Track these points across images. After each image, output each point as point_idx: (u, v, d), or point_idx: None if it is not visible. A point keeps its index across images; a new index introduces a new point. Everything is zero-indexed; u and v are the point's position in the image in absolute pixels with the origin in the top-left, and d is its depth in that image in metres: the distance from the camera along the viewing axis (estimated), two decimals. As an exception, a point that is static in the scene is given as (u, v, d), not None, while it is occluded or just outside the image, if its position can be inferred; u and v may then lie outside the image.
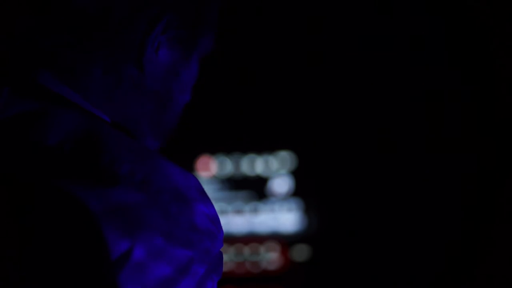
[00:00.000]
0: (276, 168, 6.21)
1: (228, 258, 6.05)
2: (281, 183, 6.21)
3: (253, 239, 6.19)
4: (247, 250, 6.18)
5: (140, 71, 0.97)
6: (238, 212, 6.21)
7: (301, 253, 6.14)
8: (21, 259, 0.81)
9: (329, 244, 5.96)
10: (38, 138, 0.88)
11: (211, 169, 6.23)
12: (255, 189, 6.24)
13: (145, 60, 0.97)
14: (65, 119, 0.90)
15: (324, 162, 5.98)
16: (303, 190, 6.17)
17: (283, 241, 6.17)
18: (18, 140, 0.89)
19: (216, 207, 0.91)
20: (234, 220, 6.17)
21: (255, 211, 6.22)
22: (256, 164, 6.24)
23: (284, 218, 6.19)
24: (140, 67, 0.97)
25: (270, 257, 6.17)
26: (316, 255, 6.07)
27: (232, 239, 6.12)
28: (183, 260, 0.85)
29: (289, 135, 6.10)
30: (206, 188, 0.91)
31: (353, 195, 5.80)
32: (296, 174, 6.17)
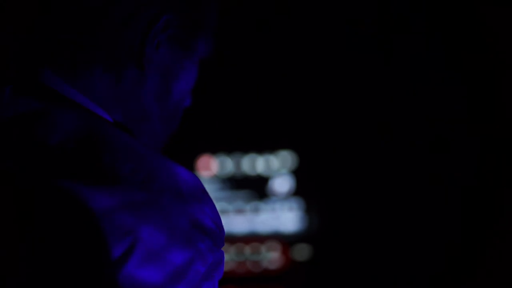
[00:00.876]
0: (277, 168, 6.21)
1: (229, 258, 6.04)
2: (282, 183, 6.21)
3: (254, 239, 6.19)
4: (248, 250, 6.17)
5: (140, 71, 0.97)
6: (239, 212, 6.20)
7: (302, 253, 6.13)
8: (23, 258, 0.81)
9: (330, 244, 5.96)
10: (40, 138, 0.88)
11: (212, 169, 6.23)
12: (256, 189, 6.24)
13: (145, 60, 0.97)
14: (67, 119, 0.90)
15: (325, 162, 5.98)
16: (304, 190, 6.17)
17: (284, 241, 6.17)
18: (20, 140, 0.89)
19: (217, 207, 0.91)
20: (235, 220, 6.17)
21: (256, 211, 6.22)
22: (257, 164, 6.24)
23: (285, 218, 6.19)
24: (140, 67, 0.97)
25: (271, 257, 6.16)
26: (317, 255, 6.06)
27: (233, 239, 6.12)
28: (184, 260, 0.85)
29: (290, 135, 6.09)
30: (207, 188, 0.91)
31: (354, 195, 5.79)
32: (297, 174, 6.17)
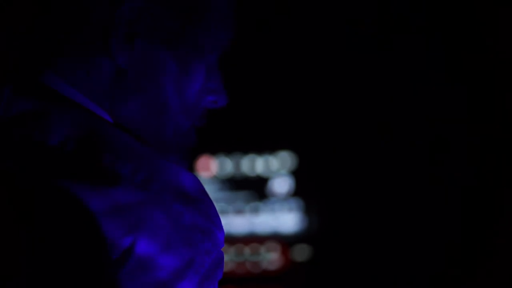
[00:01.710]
0: (277, 168, 6.21)
1: (229, 258, 6.04)
2: (282, 183, 6.21)
3: (254, 239, 6.19)
4: (248, 250, 6.17)
5: (120, 69, 0.95)
6: (239, 212, 6.20)
7: (302, 253, 6.13)
8: (23, 258, 0.81)
9: (330, 244, 5.96)
10: (40, 138, 0.88)
11: (212, 169, 6.23)
12: (256, 189, 6.24)
13: (115, 52, 0.95)
14: (67, 119, 0.89)
15: (325, 162, 5.98)
16: (304, 190, 6.17)
17: (284, 241, 6.17)
18: (20, 140, 0.89)
19: (217, 207, 0.90)
20: (235, 220, 6.17)
21: (256, 211, 6.22)
22: (257, 164, 6.24)
23: (285, 218, 6.19)
24: (112, 59, 0.95)
25: (271, 257, 6.16)
26: (317, 255, 6.06)
27: (233, 239, 6.12)
28: (184, 260, 0.85)
29: (289, 136, 6.09)
30: (207, 188, 0.91)
31: (354, 195, 5.79)
32: (297, 174, 6.17)
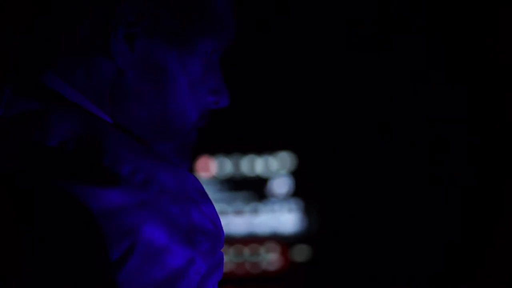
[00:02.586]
0: (276, 169, 6.21)
1: (228, 259, 6.05)
2: (281, 184, 6.21)
3: (253, 240, 6.19)
4: (247, 251, 6.18)
5: (119, 70, 0.95)
6: (238, 213, 6.21)
7: (301, 254, 6.14)
8: (23, 258, 0.81)
9: (329, 245, 5.97)
10: (40, 138, 0.88)
11: (211, 170, 6.23)
12: (255, 190, 6.24)
13: (115, 53, 0.94)
14: (67, 119, 0.89)
15: (324, 163, 5.98)
16: (303, 191, 6.17)
17: (283, 242, 6.17)
18: (20, 140, 0.88)
19: (216, 208, 0.90)
20: (234, 221, 6.17)
21: (255, 212, 6.22)
22: (256, 165, 6.24)
23: (284, 219, 6.19)
24: (112, 59, 0.94)
25: (270, 258, 6.16)
26: (316, 256, 6.07)
27: (232, 240, 6.12)
28: (183, 261, 0.85)
29: (289, 136, 6.10)
30: (206, 189, 0.91)
31: (353, 196, 5.80)
32: (296, 175, 6.17)
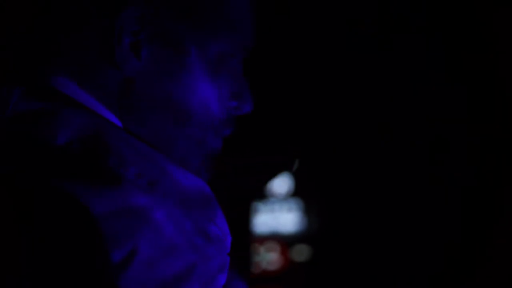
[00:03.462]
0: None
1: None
2: (281, 184, 6.21)
3: (253, 240, 6.19)
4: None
5: (119, 71, 0.94)
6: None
7: (301, 254, 6.13)
8: (23, 259, 0.81)
9: (329, 244, 5.96)
10: (46, 138, 0.88)
11: (211, 170, 6.22)
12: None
13: (120, 62, 0.94)
14: (75, 120, 0.89)
15: (324, 163, 5.98)
16: (303, 190, 6.17)
17: (283, 242, 6.17)
18: (26, 139, 0.88)
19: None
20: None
21: (255, 212, 6.22)
22: (256, 164, 6.23)
23: (284, 219, 6.19)
24: (116, 67, 0.94)
25: (270, 258, 6.16)
26: (316, 255, 6.07)
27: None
28: (187, 265, 0.85)
29: (289, 136, 6.09)
30: (206, 189, 0.90)
31: (354, 195, 5.80)
32: (296, 174, 6.17)
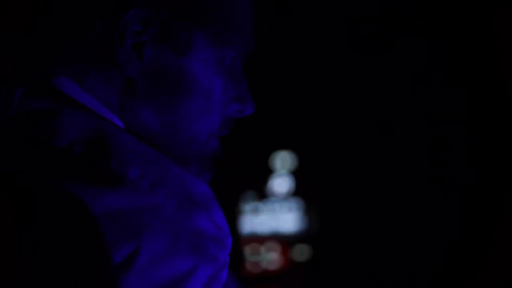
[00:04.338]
0: (276, 168, 6.21)
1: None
2: (282, 183, 6.21)
3: (254, 239, 6.19)
4: (248, 250, 6.17)
5: (127, 77, 0.94)
6: (239, 213, 6.20)
7: (302, 253, 6.13)
8: (23, 259, 0.81)
9: (330, 244, 5.96)
10: (48, 139, 0.87)
11: (211, 169, 6.22)
12: (256, 189, 6.24)
13: (122, 63, 0.94)
14: (77, 121, 0.89)
15: (325, 162, 5.98)
16: (304, 190, 6.17)
17: (284, 241, 6.17)
18: (28, 140, 0.88)
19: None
20: (238, 221, 6.17)
21: (256, 211, 6.22)
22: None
23: (285, 218, 6.19)
24: (118, 68, 0.95)
25: (271, 257, 6.16)
26: (317, 255, 6.06)
27: (236, 240, 6.11)
28: (188, 266, 0.84)
29: (289, 135, 6.09)
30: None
31: (354, 195, 5.79)
32: (297, 174, 6.17)
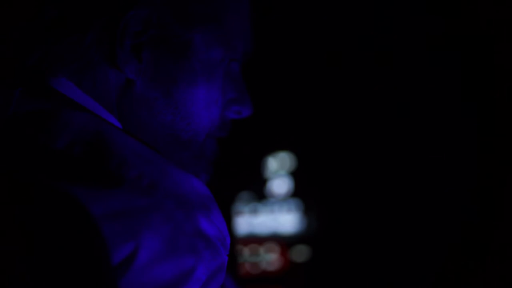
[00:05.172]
0: (276, 169, 6.21)
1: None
2: (281, 184, 6.21)
3: (253, 240, 6.19)
4: (247, 251, 6.17)
5: (119, 73, 0.94)
6: (238, 213, 6.21)
7: (301, 254, 6.13)
8: (23, 260, 0.81)
9: (329, 245, 5.96)
10: (47, 139, 0.88)
11: (210, 170, 6.22)
12: (254, 190, 6.24)
13: (121, 64, 0.94)
14: (75, 122, 0.89)
15: (324, 163, 5.98)
16: (303, 191, 6.17)
17: (283, 242, 6.17)
18: (27, 141, 0.88)
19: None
20: (234, 221, 6.17)
21: (255, 212, 6.22)
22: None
23: (284, 219, 6.19)
24: (117, 69, 0.94)
25: (270, 258, 6.16)
26: (316, 256, 6.06)
27: (232, 240, 6.12)
28: (186, 267, 0.84)
29: (288, 136, 6.09)
30: (207, 189, 0.91)
31: (353, 196, 5.80)
32: (296, 175, 6.17)
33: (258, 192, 6.24)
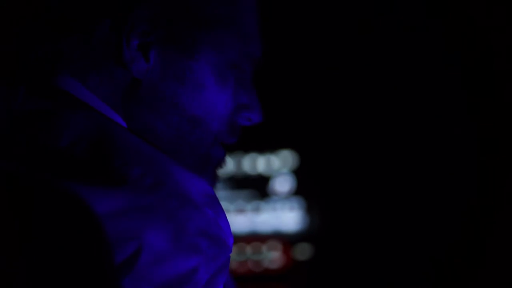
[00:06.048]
0: (278, 167, 6.20)
1: (231, 257, 6.03)
2: (283, 182, 6.20)
3: (255, 238, 6.18)
4: (249, 249, 6.17)
5: (125, 72, 0.94)
6: (240, 211, 6.20)
7: (303, 252, 6.13)
8: (23, 260, 0.81)
9: (331, 243, 5.96)
10: (51, 138, 0.87)
11: (213, 168, 6.21)
12: (257, 188, 6.23)
13: (128, 64, 0.94)
14: (79, 120, 0.89)
15: (326, 161, 5.97)
16: (305, 189, 6.16)
17: (285, 240, 6.16)
18: (30, 139, 0.88)
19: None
20: (236, 219, 6.16)
21: (257, 210, 6.21)
22: (258, 163, 6.23)
23: (286, 217, 6.18)
24: (123, 68, 0.94)
25: (272, 256, 6.16)
26: (319, 254, 6.06)
27: (234, 238, 6.11)
28: (189, 266, 0.84)
29: (291, 134, 6.09)
30: (208, 187, 0.90)
31: (355, 194, 5.79)
32: (298, 173, 6.16)
33: (261, 190, 6.23)
